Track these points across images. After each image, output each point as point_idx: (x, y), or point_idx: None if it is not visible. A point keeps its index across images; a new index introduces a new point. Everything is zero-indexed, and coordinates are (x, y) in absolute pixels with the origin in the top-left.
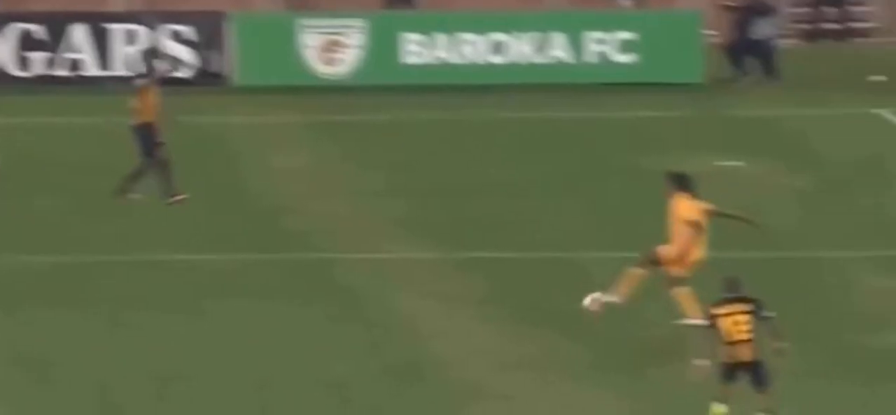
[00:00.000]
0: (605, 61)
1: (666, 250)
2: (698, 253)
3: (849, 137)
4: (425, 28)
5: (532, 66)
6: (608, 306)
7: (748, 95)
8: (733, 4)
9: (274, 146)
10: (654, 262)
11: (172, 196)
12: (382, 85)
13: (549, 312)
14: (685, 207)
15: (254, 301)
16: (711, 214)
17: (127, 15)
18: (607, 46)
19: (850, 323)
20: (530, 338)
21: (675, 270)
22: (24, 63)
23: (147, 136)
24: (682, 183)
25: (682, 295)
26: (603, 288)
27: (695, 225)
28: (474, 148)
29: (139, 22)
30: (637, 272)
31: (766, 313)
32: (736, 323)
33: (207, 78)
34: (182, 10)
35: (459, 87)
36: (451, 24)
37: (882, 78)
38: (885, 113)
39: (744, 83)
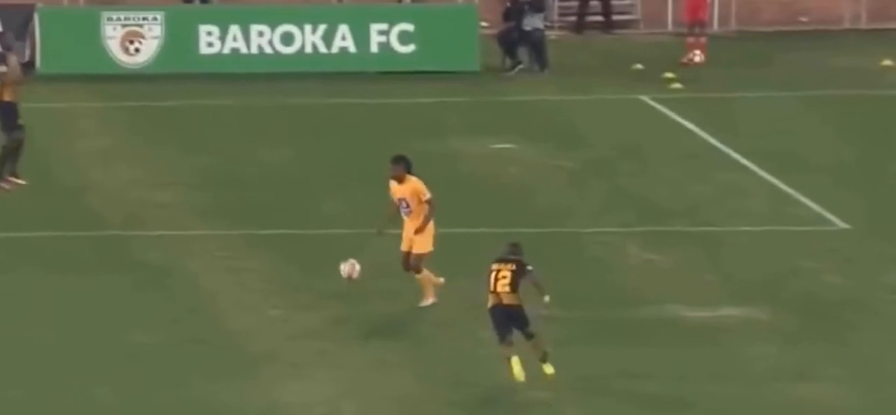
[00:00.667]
0: (386, 51)
1: (420, 245)
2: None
3: (612, 121)
4: (220, 20)
5: (319, 56)
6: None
7: (520, 83)
8: None
9: (78, 131)
10: (420, 261)
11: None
12: (180, 73)
13: (333, 285)
14: (421, 187)
15: (56, 275)
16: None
17: None
18: (389, 37)
19: (610, 294)
20: (316, 309)
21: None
22: None
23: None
24: (410, 165)
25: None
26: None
27: (431, 202)
28: (267, 131)
29: None
30: (425, 276)
31: (528, 267)
32: (498, 277)
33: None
34: None
35: (252, 76)
36: (243, 17)
37: (640, 66)
38: (645, 98)
39: (516, 72)
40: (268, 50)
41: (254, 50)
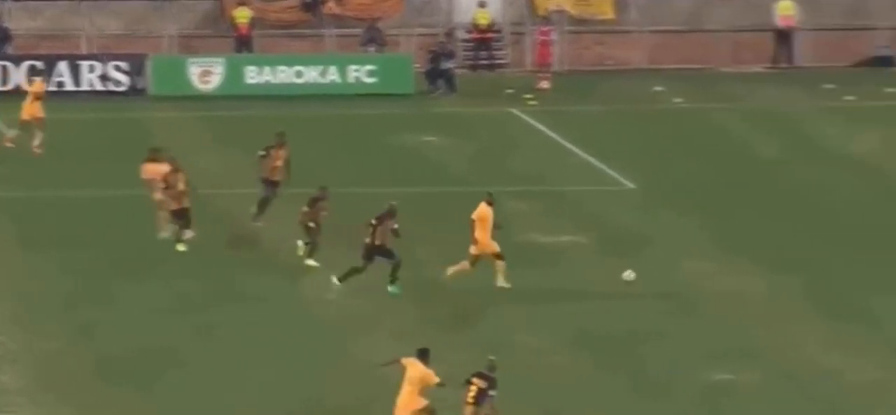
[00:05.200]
0: (359, 82)
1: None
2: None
3: (493, 124)
4: (260, 63)
5: (317, 85)
6: None
7: (438, 101)
8: (434, 51)
9: (183, 134)
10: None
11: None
12: (236, 95)
13: None
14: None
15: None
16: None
17: (90, 55)
18: (360, 73)
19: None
20: None
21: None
22: (29, 83)
23: None
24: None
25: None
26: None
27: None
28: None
29: (97, 59)
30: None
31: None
32: (470, 389)
33: (135, 92)
34: (121, 52)
35: (278, 98)
36: (275, 62)
37: (511, 91)
38: (513, 110)
39: (437, 94)
40: (286, 82)
41: (278, 81)
